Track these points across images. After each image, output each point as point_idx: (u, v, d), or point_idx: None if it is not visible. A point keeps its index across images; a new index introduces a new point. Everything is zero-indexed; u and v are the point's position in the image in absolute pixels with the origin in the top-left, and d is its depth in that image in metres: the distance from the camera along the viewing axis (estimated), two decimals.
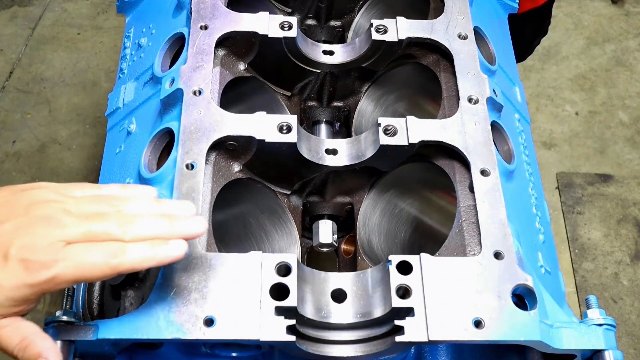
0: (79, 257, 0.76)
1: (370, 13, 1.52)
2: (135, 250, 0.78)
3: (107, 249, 0.77)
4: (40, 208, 0.79)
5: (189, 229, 0.82)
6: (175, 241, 0.80)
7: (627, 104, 3.36)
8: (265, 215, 1.23)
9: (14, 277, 0.75)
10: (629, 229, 2.89)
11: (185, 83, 1.12)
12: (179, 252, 0.80)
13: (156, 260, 0.79)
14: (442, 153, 1.13)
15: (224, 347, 1.00)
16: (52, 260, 0.75)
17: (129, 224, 0.80)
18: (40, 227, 0.77)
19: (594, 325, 0.96)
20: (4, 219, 0.77)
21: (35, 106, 3.23)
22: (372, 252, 1.25)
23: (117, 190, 0.86)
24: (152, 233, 0.80)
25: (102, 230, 0.78)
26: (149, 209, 0.83)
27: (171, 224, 0.81)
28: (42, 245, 0.75)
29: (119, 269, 0.78)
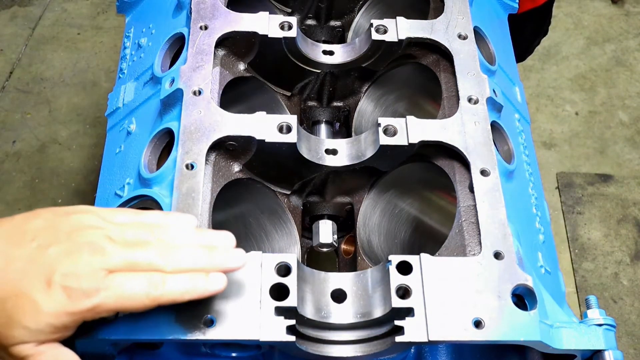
0: (121, 288, 0.76)
1: (370, 13, 1.52)
2: (176, 282, 0.78)
3: (149, 280, 0.77)
4: (83, 234, 0.78)
5: (228, 262, 0.82)
6: (214, 275, 0.80)
7: (627, 104, 3.36)
8: (265, 215, 1.23)
9: (56, 304, 0.74)
10: (629, 229, 2.89)
11: (185, 83, 1.12)
12: (218, 286, 0.80)
13: (196, 293, 0.79)
14: (442, 153, 1.13)
15: (224, 347, 1.00)
16: (95, 290, 0.75)
17: (170, 255, 0.80)
18: (83, 254, 0.76)
19: (594, 326, 0.96)
20: (48, 243, 0.77)
21: (35, 106, 3.23)
22: (372, 252, 1.25)
23: (157, 217, 0.85)
24: (192, 265, 0.80)
25: (144, 260, 0.78)
26: (189, 239, 0.83)
27: (211, 256, 0.81)
28: (86, 274, 0.75)
29: (159, 301, 0.78)
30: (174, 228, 0.83)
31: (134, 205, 1.06)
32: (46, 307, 0.74)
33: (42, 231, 0.78)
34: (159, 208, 1.01)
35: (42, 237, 0.77)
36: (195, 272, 0.80)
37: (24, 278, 0.75)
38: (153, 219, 0.84)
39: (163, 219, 0.85)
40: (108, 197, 1.17)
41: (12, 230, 0.79)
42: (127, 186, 1.13)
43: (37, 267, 0.75)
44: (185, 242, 0.82)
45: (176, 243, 0.81)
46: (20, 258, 0.76)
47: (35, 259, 0.76)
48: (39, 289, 0.74)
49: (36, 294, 0.74)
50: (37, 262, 0.76)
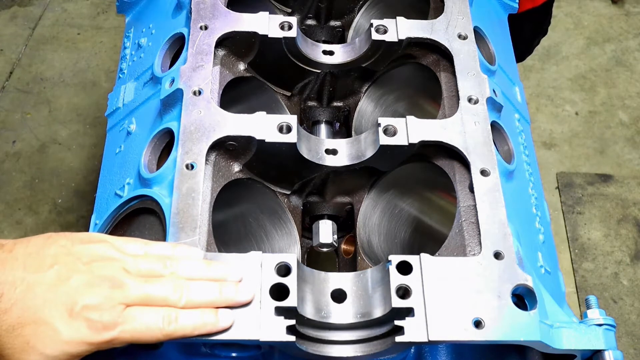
0: (138, 322, 0.80)
1: (370, 13, 1.52)
2: (188, 318, 0.83)
3: (163, 315, 0.82)
4: (102, 266, 0.82)
5: (237, 296, 0.86)
6: (223, 312, 0.85)
7: (627, 104, 3.36)
8: (265, 215, 1.23)
9: (77, 333, 0.78)
10: (629, 229, 2.89)
11: (185, 83, 1.12)
12: (226, 323, 0.85)
13: (205, 329, 0.84)
14: (442, 153, 1.13)
15: (224, 347, 1.00)
16: (114, 323, 0.79)
17: (184, 290, 0.84)
18: (104, 287, 0.80)
19: (594, 326, 0.96)
20: (68, 272, 0.80)
21: (35, 106, 3.23)
22: (372, 252, 1.25)
23: (167, 249, 0.89)
24: (203, 300, 0.84)
25: (159, 295, 0.82)
26: (199, 272, 0.87)
27: (221, 291, 0.86)
28: (106, 307, 0.79)
29: (172, 335, 0.82)
30: (184, 261, 0.88)
31: (134, 205, 1.06)
32: (66, 335, 0.77)
33: (60, 259, 0.81)
34: (159, 208, 1.01)
35: (61, 265, 0.80)
36: (206, 308, 0.84)
37: (45, 306, 0.77)
38: (164, 251, 0.89)
39: (172, 251, 0.89)
40: (108, 197, 1.17)
41: (30, 256, 0.80)
42: (127, 186, 1.13)
43: (58, 296, 0.78)
44: (196, 276, 0.86)
45: (187, 276, 0.86)
46: (41, 285, 0.78)
47: (56, 288, 0.78)
48: (61, 317, 0.77)
49: (57, 322, 0.77)
50: (59, 291, 0.78)
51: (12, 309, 0.76)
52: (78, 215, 2.88)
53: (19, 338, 0.76)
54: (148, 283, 0.83)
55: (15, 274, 0.78)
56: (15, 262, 0.79)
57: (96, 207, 1.20)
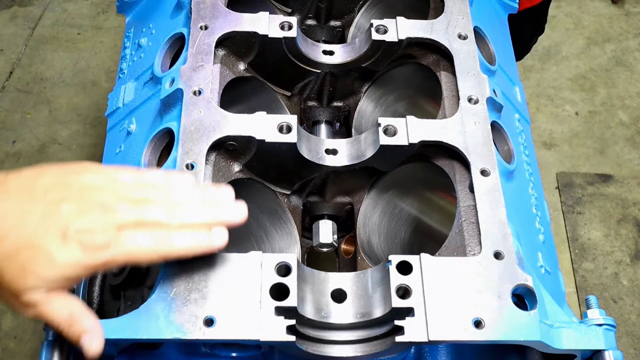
0: (131, 243, 0.81)
1: (370, 13, 1.52)
2: (181, 238, 0.83)
3: (156, 236, 0.82)
4: (94, 193, 0.83)
5: (230, 216, 0.87)
6: (217, 230, 0.85)
7: (627, 104, 3.36)
8: (265, 215, 1.23)
9: (72, 256, 0.79)
10: (629, 229, 2.89)
11: (185, 83, 1.12)
12: (220, 241, 0.85)
13: (199, 248, 0.85)
14: (442, 153, 1.13)
15: (224, 347, 1.00)
16: (107, 244, 0.80)
17: (176, 212, 0.85)
18: (96, 212, 0.81)
19: (594, 326, 0.96)
20: (60, 200, 0.81)
21: (35, 106, 3.23)
22: (372, 252, 1.25)
23: (159, 176, 0.90)
24: (196, 220, 0.85)
25: (151, 217, 0.83)
26: (192, 196, 0.87)
27: (213, 212, 0.86)
28: (99, 229, 0.80)
29: (166, 256, 0.84)
30: (176, 187, 0.88)
31: None
32: (61, 259, 0.79)
33: (52, 188, 0.82)
34: None
35: (54, 193, 0.82)
36: (199, 228, 0.85)
37: (39, 232, 0.79)
38: (155, 179, 0.89)
39: (165, 178, 0.90)
40: None
41: (23, 186, 0.82)
42: None
43: (51, 222, 0.79)
44: (189, 199, 0.87)
45: (180, 200, 0.86)
46: (34, 213, 0.80)
47: (49, 215, 0.80)
48: (55, 242, 0.79)
49: (52, 246, 0.78)
50: (52, 217, 0.80)
51: (8, 236, 0.79)
52: None
53: (16, 264, 0.78)
54: (140, 206, 0.84)
55: (9, 204, 0.80)
56: (8, 193, 0.81)
57: None
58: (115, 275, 1.01)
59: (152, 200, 0.85)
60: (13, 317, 2.53)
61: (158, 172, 0.91)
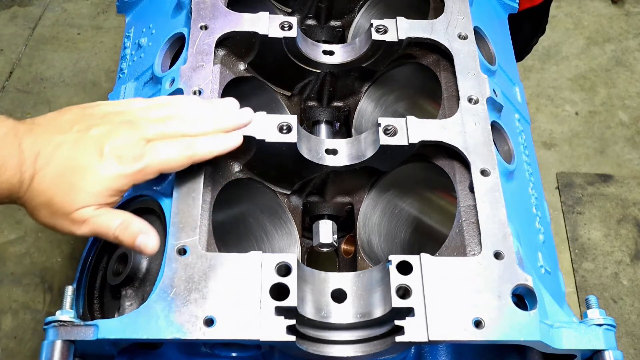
0: (161, 151, 0.92)
1: (370, 13, 1.52)
2: (203, 142, 0.95)
3: (181, 143, 0.93)
4: (117, 117, 0.93)
5: (240, 119, 1.00)
6: (232, 133, 0.98)
7: (627, 104, 3.36)
8: (265, 215, 1.23)
9: (112, 168, 0.89)
10: (629, 229, 2.89)
11: (185, 83, 1.12)
12: (236, 141, 0.98)
13: (220, 149, 0.96)
14: (442, 153, 1.13)
15: (224, 347, 1.00)
16: (140, 154, 0.90)
17: (193, 123, 0.96)
18: (124, 130, 0.91)
19: (594, 326, 0.96)
20: (88, 126, 0.91)
21: (35, 106, 3.23)
22: (372, 252, 1.25)
23: (169, 98, 1.01)
24: (212, 127, 0.97)
25: (173, 129, 0.94)
26: (203, 109, 0.99)
27: (225, 118, 0.98)
28: (131, 143, 0.90)
29: (193, 159, 0.94)
30: (185, 102, 0.99)
31: (134, 204, 1.06)
32: (103, 172, 0.88)
33: (77, 120, 0.92)
34: (159, 208, 1.01)
35: (80, 124, 0.91)
36: (217, 133, 0.97)
37: (77, 155, 0.88)
38: (165, 100, 1.00)
39: (173, 98, 1.01)
40: None
41: (50, 124, 0.91)
42: None
43: (86, 144, 0.89)
44: (201, 112, 0.98)
45: (194, 114, 0.97)
46: (67, 141, 0.89)
47: (81, 140, 0.89)
48: (94, 159, 0.88)
49: (93, 163, 0.88)
50: (84, 141, 0.89)
51: (52, 161, 0.87)
52: None
53: (63, 184, 0.87)
54: (161, 122, 0.94)
55: (44, 137, 0.89)
56: (40, 127, 0.90)
57: None
58: (116, 275, 1.01)
59: (169, 116, 0.95)
60: (13, 317, 2.53)
61: (165, 97, 1.02)
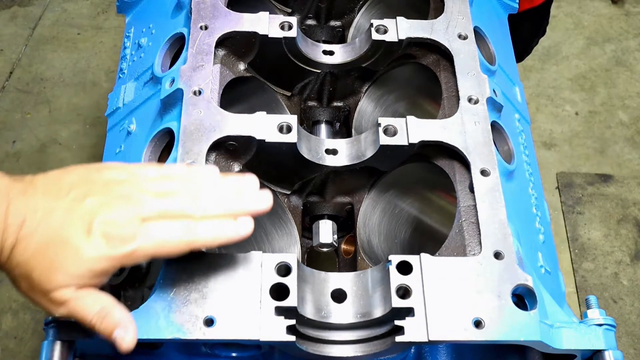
0: (156, 234, 0.81)
1: (370, 13, 1.52)
2: (207, 228, 0.83)
3: (181, 226, 0.82)
4: (118, 187, 0.83)
5: (255, 205, 0.86)
6: (242, 219, 0.84)
7: (627, 104, 3.36)
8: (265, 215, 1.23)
9: (97, 249, 0.79)
10: (629, 229, 2.89)
11: (185, 83, 1.12)
12: (246, 230, 0.84)
13: (226, 237, 0.84)
14: (442, 153, 1.13)
15: (224, 347, 1.00)
16: (132, 236, 0.80)
17: (201, 202, 0.84)
18: (120, 204, 0.81)
19: (594, 326, 0.96)
20: (84, 195, 0.82)
21: (35, 106, 3.23)
22: (372, 252, 1.25)
23: (183, 169, 0.90)
24: (221, 210, 0.84)
25: (176, 208, 0.83)
26: (215, 186, 0.87)
27: (238, 200, 0.86)
28: (123, 221, 0.80)
29: (192, 245, 0.83)
30: (200, 177, 0.87)
31: None
32: (87, 252, 0.79)
33: (77, 185, 0.83)
34: None
35: (78, 189, 0.82)
36: (225, 218, 0.84)
37: (64, 227, 0.79)
38: (179, 171, 0.89)
39: (188, 170, 0.89)
40: None
41: (49, 185, 0.83)
42: None
43: (76, 216, 0.80)
44: (212, 190, 0.86)
45: (204, 191, 0.85)
46: (59, 209, 0.80)
47: (73, 210, 0.80)
48: (80, 236, 0.79)
49: (77, 240, 0.79)
50: (76, 212, 0.80)
51: (36, 232, 0.79)
52: None
53: (44, 259, 0.79)
54: (164, 198, 0.83)
55: (36, 200, 0.80)
56: (36, 190, 0.82)
57: None
58: (116, 275, 1.00)
59: (176, 192, 0.84)
60: (13, 317, 2.53)
61: (180, 165, 0.91)
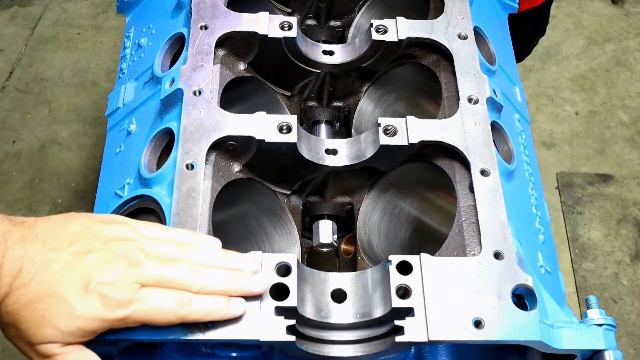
0: (151, 303, 0.81)
1: (370, 13, 1.52)
2: (201, 303, 0.83)
3: (177, 297, 0.82)
4: (120, 246, 0.83)
5: (250, 286, 0.87)
6: (236, 300, 0.86)
7: (627, 104, 3.36)
8: (265, 215, 1.23)
9: (91, 309, 0.78)
10: (629, 229, 2.89)
11: (185, 83, 1.12)
12: (238, 311, 0.85)
13: (217, 315, 0.84)
14: (442, 153, 1.13)
15: (224, 347, 1.00)
16: (128, 301, 0.79)
17: (199, 275, 0.84)
18: (120, 265, 0.81)
19: (594, 326, 0.96)
20: (86, 250, 0.81)
21: (35, 106, 3.23)
22: (372, 252, 1.25)
23: (186, 235, 0.90)
24: (218, 287, 0.85)
25: (175, 278, 0.83)
26: (216, 260, 0.87)
27: (235, 280, 0.86)
28: (122, 285, 0.79)
29: (185, 319, 0.83)
30: (202, 248, 0.88)
31: (134, 204, 1.07)
32: (80, 310, 0.78)
33: (79, 237, 0.82)
34: (159, 208, 1.01)
35: (80, 243, 0.81)
36: (219, 295, 0.85)
37: (61, 281, 0.78)
38: (182, 237, 0.89)
39: (192, 238, 0.90)
40: (108, 197, 1.17)
41: (50, 233, 0.82)
42: (127, 186, 1.13)
43: (74, 272, 0.79)
44: (213, 263, 0.87)
45: (204, 263, 0.86)
46: (58, 261, 0.79)
47: (73, 264, 0.79)
48: (76, 292, 0.78)
49: (72, 297, 0.78)
50: (75, 267, 0.79)
51: (31, 283, 0.78)
52: None
53: (35, 312, 0.77)
54: (164, 265, 0.83)
55: (35, 250, 0.79)
56: (36, 238, 0.80)
57: (96, 207, 1.20)
58: None
59: (177, 259, 0.85)
60: None
61: (184, 231, 0.91)
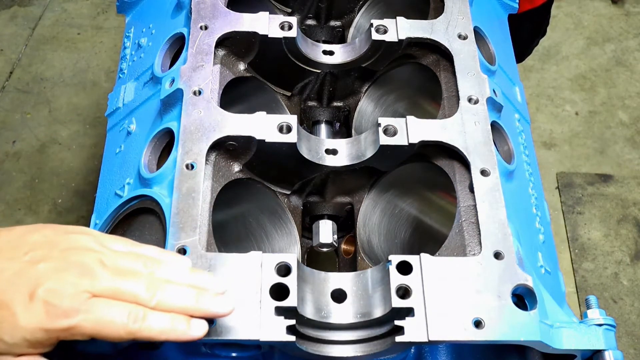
0: (100, 314, 0.75)
1: (370, 13, 1.52)
2: (156, 320, 0.77)
3: (129, 311, 0.76)
4: (76, 254, 0.78)
5: (213, 307, 0.80)
6: (196, 322, 0.78)
7: (627, 104, 3.36)
8: (265, 215, 1.23)
9: (33, 318, 0.74)
10: (629, 229, 2.89)
11: (185, 83, 1.12)
12: (197, 333, 0.78)
13: (174, 335, 0.77)
14: (442, 153, 1.13)
15: (224, 347, 1.00)
16: (74, 310, 0.74)
17: (157, 290, 0.78)
18: (71, 273, 0.76)
19: (594, 326, 0.96)
20: (40, 258, 0.77)
21: (35, 106, 3.23)
22: (372, 252, 1.25)
23: (154, 251, 0.84)
24: (176, 304, 0.78)
25: (129, 290, 0.77)
26: (180, 277, 0.81)
27: (197, 299, 0.79)
28: (68, 293, 0.75)
29: (136, 335, 0.76)
30: (168, 265, 0.82)
31: (134, 204, 1.07)
32: (24, 320, 0.74)
33: (37, 246, 0.78)
34: (159, 208, 1.01)
35: (36, 252, 0.78)
36: (179, 314, 0.78)
37: (8, 289, 0.74)
38: (150, 253, 0.84)
39: (160, 254, 0.84)
40: (108, 197, 1.17)
41: (9, 243, 0.79)
42: (127, 186, 1.13)
43: (23, 279, 0.75)
44: (175, 280, 0.80)
45: (167, 279, 0.80)
46: (10, 270, 0.76)
47: (23, 272, 0.76)
48: (21, 301, 0.74)
49: (17, 306, 0.74)
50: (25, 275, 0.75)
51: None
52: (78, 216, 2.88)
53: None
54: (120, 277, 0.77)
55: None
56: None
57: (96, 207, 1.20)
58: None
59: (137, 273, 0.79)
60: None
61: (153, 248, 0.85)
